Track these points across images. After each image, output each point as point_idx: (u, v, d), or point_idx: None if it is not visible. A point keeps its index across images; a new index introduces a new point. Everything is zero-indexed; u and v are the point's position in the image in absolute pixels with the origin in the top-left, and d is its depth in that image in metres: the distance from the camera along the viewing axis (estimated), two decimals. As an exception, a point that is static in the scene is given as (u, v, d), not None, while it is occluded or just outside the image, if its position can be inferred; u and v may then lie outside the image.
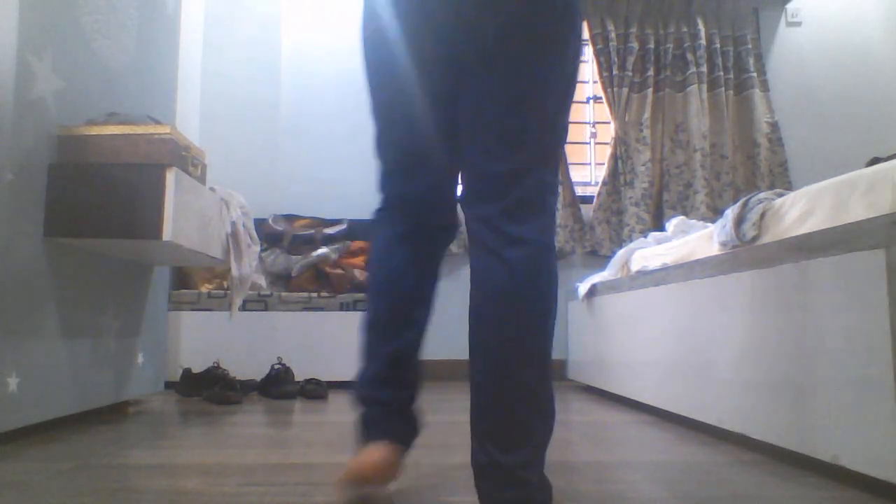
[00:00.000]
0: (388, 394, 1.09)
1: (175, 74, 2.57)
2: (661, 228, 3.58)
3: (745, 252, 1.63)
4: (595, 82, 4.03)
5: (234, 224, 2.32)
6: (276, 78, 3.94)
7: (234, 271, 2.35)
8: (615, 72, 3.87)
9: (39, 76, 1.69)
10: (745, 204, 1.74)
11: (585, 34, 3.91)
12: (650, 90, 3.89)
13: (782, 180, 3.84)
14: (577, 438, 1.80)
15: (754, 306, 1.57)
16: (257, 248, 2.53)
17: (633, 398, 2.41)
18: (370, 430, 1.08)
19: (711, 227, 1.99)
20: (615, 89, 3.87)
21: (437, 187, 1.17)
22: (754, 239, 1.68)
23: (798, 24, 4.12)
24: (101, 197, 1.74)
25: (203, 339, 3.11)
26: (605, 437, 1.81)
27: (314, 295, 3.24)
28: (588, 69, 4.11)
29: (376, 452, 1.02)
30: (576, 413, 2.37)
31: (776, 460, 1.49)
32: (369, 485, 1.01)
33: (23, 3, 1.60)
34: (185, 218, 1.84)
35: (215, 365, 2.80)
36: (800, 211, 1.53)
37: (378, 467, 1.01)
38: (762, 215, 1.67)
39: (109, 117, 1.88)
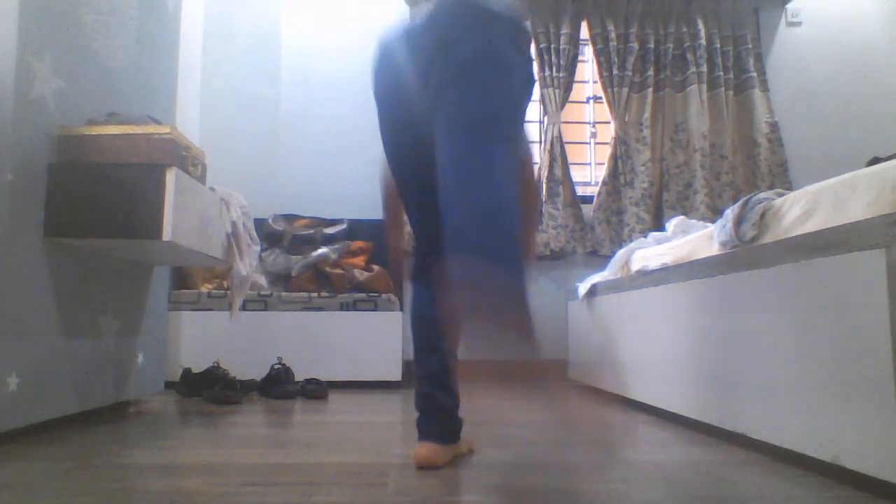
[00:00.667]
0: (430, 404, 1.46)
1: (175, 74, 2.57)
2: (661, 228, 3.57)
3: (745, 252, 1.63)
4: (595, 82, 4.03)
5: (234, 224, 2.32)
6: (277, 78, 3.94)
7: (241, 270, 2.35)
8: (615, 72, 3.87)
9: (39, 76, 1.69)
10: (745, 204, 1.74)
11: (585, 34, 3.91)
12: (650, 90, 3.90)
13: (782, 180, 3.84)
14: (577, 438, 1.80)
15: (754, 306, 1.57)
16: (257, 248, 2.53)
17: (633, 398, 2.41)
18: (420, 431, 1.46)
19: (711, 227, 1.99)
20: (615, 89, 3.87)
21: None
22: (754, 239, 1.68)
23: (798, 24, 4.12)
24: (101, 197, 1.74)
25: (203, 339, 3.11)
26: (605, 437, 1.81)
27: (314, 295, 3.24)
28: (588, 69, 4.11)
29: (423, 449, 1.41)
30: (576, 413, 2.37)
31: (776, 460, 1.49)
32: (425, 468, 1.41)
33: (23, 3, 1.60)
34: (185, 218, 1.85)
35: (215, 365, 2.80)
36: (800, 211, 1.53)
37: (425, 458, 1.40)
38: (762, 215, 1.67)
39: (109, 117, 1.88)
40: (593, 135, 4.10)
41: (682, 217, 2.63)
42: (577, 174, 3.99)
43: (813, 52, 4.10)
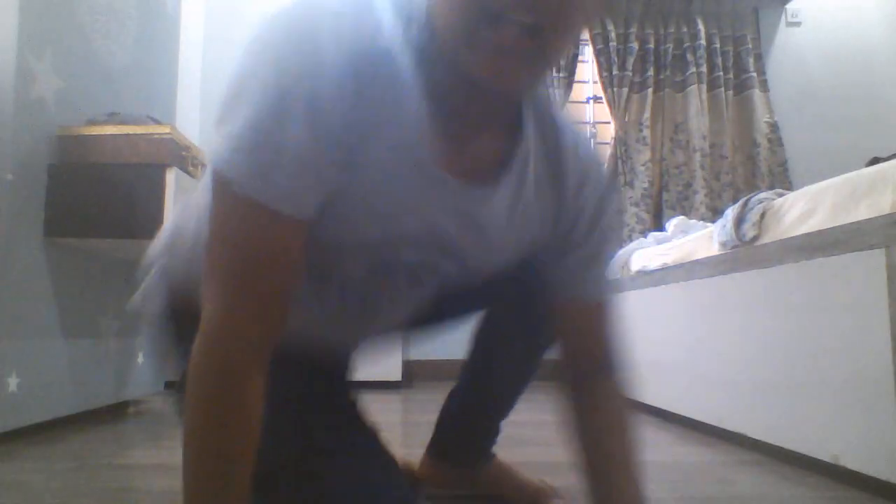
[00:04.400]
0: None
1: (175, 74, 2.57)
2: (661, 228, 3.57)
3: (745, 252, 1.63)
4: (595, 82, 4.03)
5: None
6: (276, 78, 3.93)
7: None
8: (615, 72, 3.87)
9: (39, 76, 1.69)
10: (746, 204, 1.74)
11: (584, 34, 3.90)
12: (650, 90, 3.89)
13: (782, 180, 3.84)
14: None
15: (754, 306, 1.57)
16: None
17: (633, 398, 2.40)
18: None
19: (711, 227, 1.99)
20: (615, 89, 3.87)
21: None
22: (754, 239, 1.68)
23: (798, 24, 4.12)
24: (101, 197, 1.74)
25: (203, 339, 3.10)
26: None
27: (314, 295, 3.23)
28: (588, 69, 4.11)
29: None
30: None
31: (776, 460, 1.49)
32: None
33: (23, 3, 1.60)
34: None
35: (215, 365, 2.79)
36: (800, 211, 1.53)
37: None
38: (762, 215, 1.67)
39: (109, 117, 1.88)
40: (593, 135, 4.09)
41: (681, 217, 2.63)
42: (577, 174, 3.98)
43: (813, 52, 4.10)
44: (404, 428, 1.96)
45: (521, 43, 0.51)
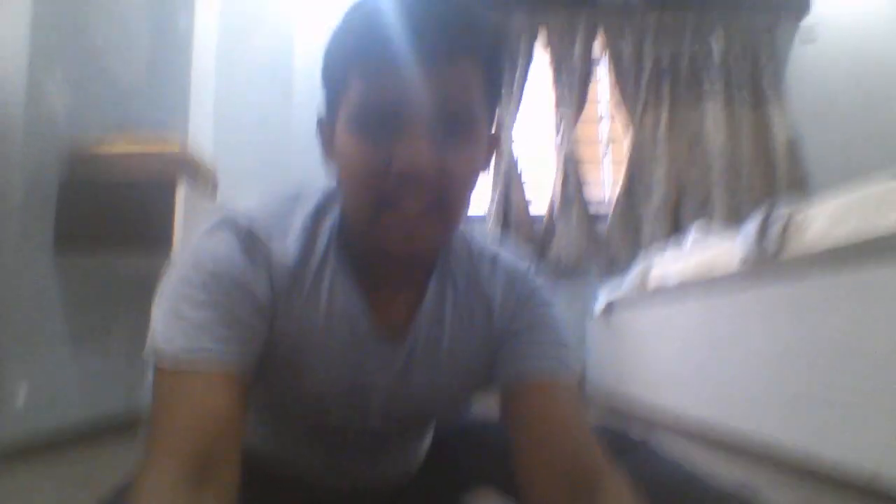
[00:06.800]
0: None
1: (187, 90, 2.58)
2: (677, 244, 3.53)
3: (767, 266, 1.59)
4: (609, 99, 4.00)
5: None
6: (290, 92, 3.96)
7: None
8: (630, 88, 3.84)
9: (50, 94, 1.69)
10: (766, 218, 1.69)
11: (598, 51, 3.89)
12: (665, 106, 3.86)
13: (801, 196, 3.77)
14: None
15: (777, 321, 1.52)
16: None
17: (649, 411, 2.35)
18: None
19: (733, 236, 1.94)
20: (630, 105, 3.84)
21: None
22: (776, 253, 1.63)
23: (814, 39, 4.07)
24: (112, 213, 1.73)
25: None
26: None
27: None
28: (602, 86, 4.09)
29: None
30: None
31: (811, 481, 1.43)
32: None
33: (34, 20, 1.61)
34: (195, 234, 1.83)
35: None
36: (822, 225, 1.48)
37: None
38: (784, 229, 1.63)
39: (120, 134, 1.88)
40: (608, 151, 4.06)
41: (701, 224, 2.58)
42: (591, 191, 3.95)
43: (829, 66, 4.05)
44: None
45: (422, 217, 0.55)
